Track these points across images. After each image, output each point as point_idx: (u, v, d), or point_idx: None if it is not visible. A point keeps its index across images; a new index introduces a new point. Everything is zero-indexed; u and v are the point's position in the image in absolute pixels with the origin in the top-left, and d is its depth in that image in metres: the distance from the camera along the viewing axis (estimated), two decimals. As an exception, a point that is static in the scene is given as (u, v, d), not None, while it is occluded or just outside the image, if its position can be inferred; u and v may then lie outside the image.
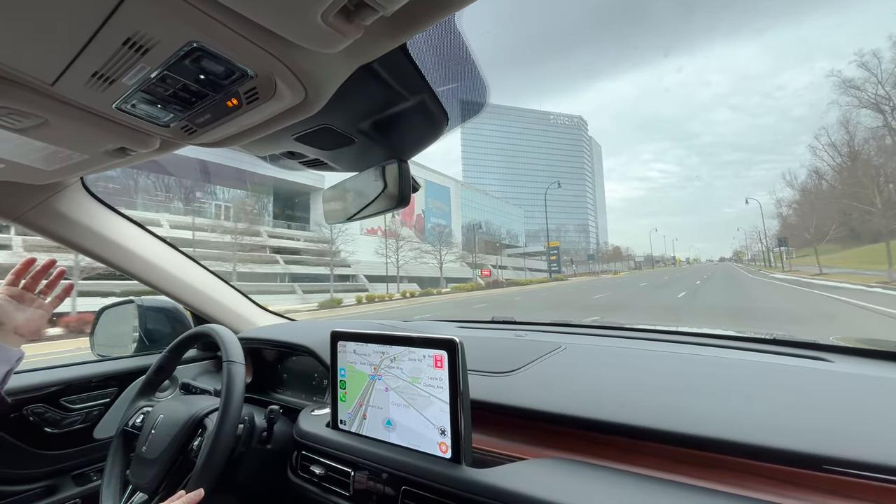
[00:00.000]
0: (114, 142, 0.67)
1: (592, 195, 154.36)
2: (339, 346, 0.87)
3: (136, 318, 1.51)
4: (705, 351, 0.96)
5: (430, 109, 0.64)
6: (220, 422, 0.83)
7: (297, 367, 1.30)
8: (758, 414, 0.64)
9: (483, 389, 0.84)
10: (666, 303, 12.15)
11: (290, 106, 0.55)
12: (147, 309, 1.50)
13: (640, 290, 17.84)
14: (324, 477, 0.83)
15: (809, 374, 0.80)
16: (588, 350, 1.02)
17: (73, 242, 1.06)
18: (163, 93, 0.53)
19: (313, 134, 0.69)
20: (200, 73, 0.48)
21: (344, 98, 0.61)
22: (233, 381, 0.88)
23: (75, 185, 1.04)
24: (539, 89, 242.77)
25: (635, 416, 0.67)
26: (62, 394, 1.17)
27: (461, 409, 0.69)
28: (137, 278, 1.19)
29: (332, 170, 0.86)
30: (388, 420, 0.78)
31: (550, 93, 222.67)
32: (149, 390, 1.08)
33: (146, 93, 0.53)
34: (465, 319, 1.54)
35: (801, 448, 0.55)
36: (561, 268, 53.01)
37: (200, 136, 0.63)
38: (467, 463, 0.69)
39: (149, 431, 0.94)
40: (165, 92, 0.52)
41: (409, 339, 0.76)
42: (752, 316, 8.32)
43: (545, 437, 0.75)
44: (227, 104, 0.54)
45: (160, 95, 0.53)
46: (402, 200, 0.70)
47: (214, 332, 0.98)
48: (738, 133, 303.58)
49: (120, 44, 0.44)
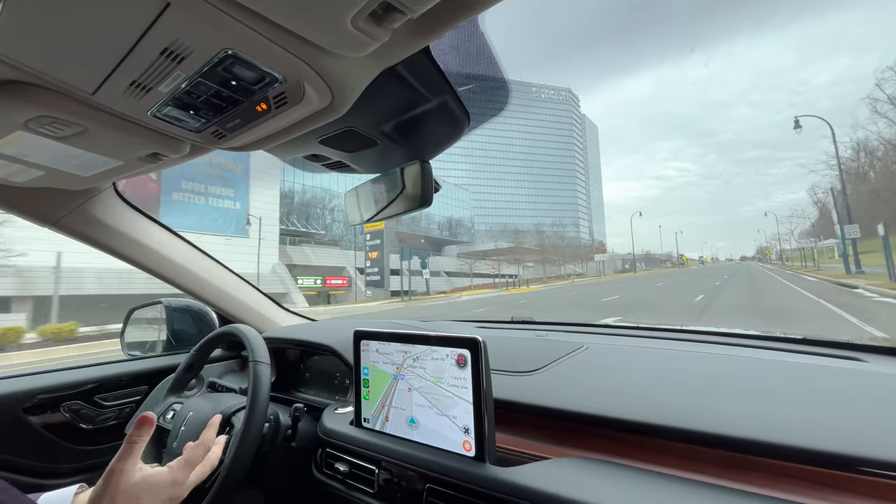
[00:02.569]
0: (148, 148, 0.69)
1: (585, 185, 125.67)
2: (361, 345, 0.88)
3: (164, 318, 1.56)
4: (734, 351, 0.95)
5: (451, 110, 0.65)
6: (246, 420, 0.85)
7: (319, 366, 1.32)
8: (789, 414, 0.63)
9: (506, 389, 0.84)
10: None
11: (317, 109, 0.57)
12: (174, 310, 1.55)
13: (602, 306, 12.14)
14: (348, 474, 0.84)
15: (843, 374, 0.78)
16: (612, 350, 1.01)
17: (106, 246, 1.11)
18: (195, 99, 0.54)
19: (337, 136, 0.70)
20: (232, 79, 0.50)
21: (368, 100, 0.63)
22: (259, 381, 0.90)
23: (108, 190, 1.08)
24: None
25: (662, 416, 0.67)
26: (96, 391, 1.22)
27: (485, 407, 0.69)
28: (166, 280, 1.23)
29: (354, 171, 0.87)
30: (412, 418, 0.79)
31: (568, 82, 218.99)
32: (178, 387, 1.12)
33: (180, 99, 0.55)
34: (484, 320, 1.54)
35: (834, 449, 0.54)
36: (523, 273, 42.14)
37: (230, 140, 0.65)
38: (492, 461, 0.69)
39: (179, 428, 0.96)
40: (198, 98, 0.54)
41: (431, 338, 0.77)
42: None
43: (569, 436, 0.75)
44: (256, 109, 0.56)
45: (193, 102, 0.55)
46: (425, 201, 0.71)
47: (241, 332, 1.00)
48: (758, 130, 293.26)
49: (158, 53, 0.45)
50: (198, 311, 1.56)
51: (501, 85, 0.64)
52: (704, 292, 15.09)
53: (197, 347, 1.11)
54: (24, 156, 0.72)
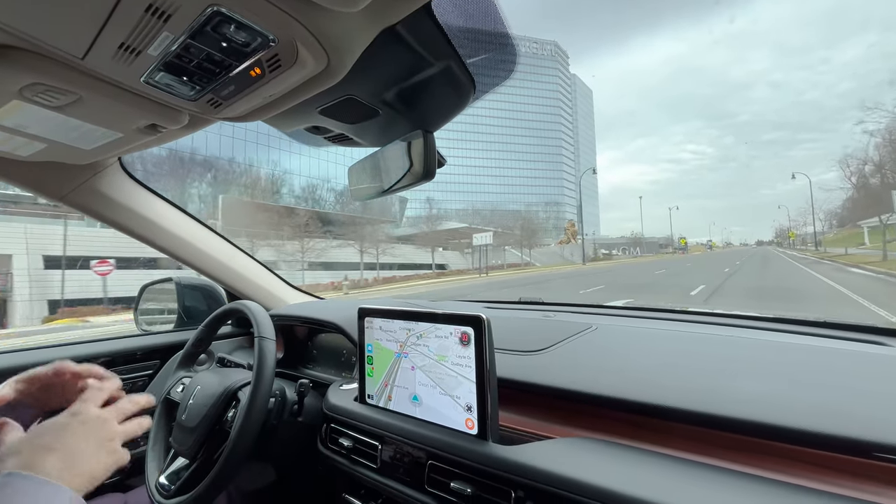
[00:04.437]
0: (145, 118, 0.68)
1: (573, 159, 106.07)
2: (365, 322, 0.88)
3: (175, 295, 1.58)
4: (748, 333, 0.91)
5: (456, 77, 0.62)
6: (252, 395, 0.86)
7: (326, 343, 1.32)
8: (804, 397, 0.60)
9: (511, 368, 0.83)
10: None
11: (313, 74, 0.54)
12: (185, 287, 1.57)
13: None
14: (352, 449, 0.85)
15: (863, 357, 0.75)
16: (621, 331, 0.99)
17: (114, 221, 1.11)
18: (187, 64, 0.52)
19: (337, 106, 0.68)
20: (222, 40, 0.48)
21: (368, 66, 0.60)
22: (264, 356, 0.90)
23: (114, 165, 1.08)
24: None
25: (670, 398, 0.65)
26: (110, 365, 1.24)
27: (488, 386, 0.68)
28: (174, 256, 1.23)
29: (357, 145, 0.85)
30: (415, 395, 0.78)
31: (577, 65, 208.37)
32: (189, 361, 1.13)
33: (171, 64, 0.53)
34: (491, 300, 1.52)
35: (849, 433, 0.51)
36: (484, 259, 32.01)
37: (226, 109, 0.63)
38: (494, 440, 0.68)
39: (187, 401, 0.98)
40: (190, 63, 0.52)
41: (435, 315, 0.76)
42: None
43: (574, 416, 0.73)
44: (250, 74, 0.53)
45: (185, 67, 0.53)
46: (428, 174, 0.68)
47: (247, 308, 1.00)
48: (778, 111, 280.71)
49: (143, 11, 0.43)
50: (208, 288, 1.57)
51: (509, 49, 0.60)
52: (700, 289, 10.75)
53: (206, 323, 1.12)
54: (23, 127, 0.71)
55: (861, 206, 35.54)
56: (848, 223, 48.51)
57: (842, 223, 43.70)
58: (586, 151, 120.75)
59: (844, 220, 45.81)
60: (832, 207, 42.57)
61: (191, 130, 0.79)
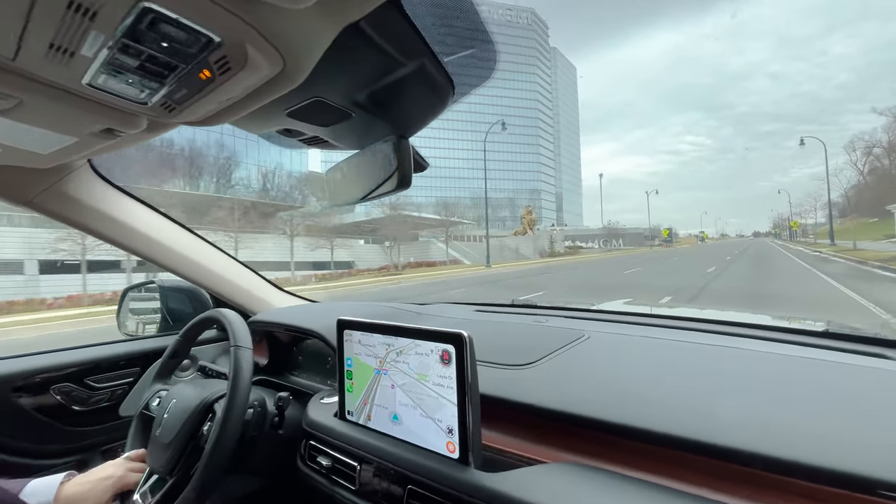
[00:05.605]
0: (98, 122, 0.63)
1: (553, 143, 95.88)
2: (344, 335, 0.83)
3: (159, 298, 1.53)
4: (748, 344, 0.87)
5: (432, 76, 0.56)
6: (227, 408, 0.82)
7: (312, 350, 1.28)
8: (805, 424, 0.56)
9: (497, 383, 0.79)
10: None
11: (270, 77, 0.49)
12: (168, 289, 1.52)
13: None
14: (331, 469, 0.81)
15: (868, 374, 0.70)
16: (614, 340, 0.94)
17: (84, 225, 1.06)
18: (130, 65, 0.47)
19: (305, 109, 0.63)
20: (162, 40, 0.42)
21: (334, 67, 0.54)
22: (239, 367, 0.86)
23: (84, 167, 1.03)
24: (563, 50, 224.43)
25: (665, 423, 0.60)
26: (87, 373, 1.20)
27: (469, 408, 0.64)
28: (150, 260, 1.19)
29: (334, 147, 0.80)
30: (395, 415, 0.74)
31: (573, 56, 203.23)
32: (165, 374, 1.09)
33: (113, 66, 0.48)
34: (483, 303, 1.48)
35: (851, 469, 0.47)
36: (396, 256, 26.65)
37: (183, 113, 0.58)
38: (476, 465, 0.64)
39: (163, 416, 0.94)
40: (133, 65, 0.47)
41: (415, 331, 0.71)
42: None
43: (563, 438, 0.69)
44: (199, 77, 0.48)
45: (128, 69, 0.48)
46: (403, 182, 0.63)
47: (222, 316, 0.96)
48: (776, 102, 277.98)
49: (64, 7, 0.38)
50: (192, 291, 1.52)
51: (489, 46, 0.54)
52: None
53: (182, 333, 1.08)
54: None
55: (871, 193, 30.71)
56: (850, 213, 45.47)
57: (842, 213, 40.31)
58: (568, 134, 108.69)
59: (846, 211, 42.51)
60: (832, 197, 35.77)
61: (154, 133, 0.74)
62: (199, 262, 1.29)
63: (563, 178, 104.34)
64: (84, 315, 10.27)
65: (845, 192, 34.70)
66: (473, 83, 0.59)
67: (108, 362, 1.26)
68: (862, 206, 33.75)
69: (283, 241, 23.15)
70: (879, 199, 29.92)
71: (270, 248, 22.45)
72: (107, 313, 9.56)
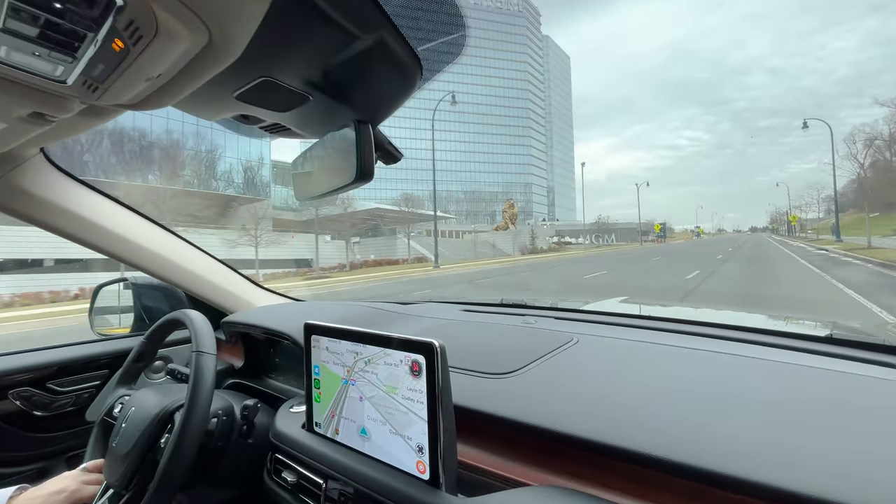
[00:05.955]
0: (20, 105, 0.55)
1: (545, 135, 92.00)
2: (312, 341, 0.77)
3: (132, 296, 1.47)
4: (749, 350, 0.80)
5: (395, 53, 0.49)
6: (183, 420, 0.76)
7: (289, 352, 1.22)
8: (812, 447, 0.50)
9: (476, 394, 0.72)
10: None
11: (197, 49, 0.42)
12: (141, 287, 1.46)
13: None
14: (296, 485, 0.75)
15: (878, 387, 0.64)
16: (606, 346, 0.88)
17: (39, 220, 0.99)
18: (30, 34, 0.40)
19: (255, 91, 0.55)
20: (55, 0, 0.35)
21: (278, 40, 0.47)
22: (201, 375, 0.80)
23: (36, 157, 0.95)
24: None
25: (656, 444, 0.54)
26: (49, 377, 1.14)
27: (441, 425, 0.58)
28: (115, 257, 1.11)
29: (299, 136, 0.72)
30: (363, 429, 0.68)
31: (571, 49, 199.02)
32: (130, 378, 1.03)
33: (11, 34, 0.40)
34: (471, 302, 1.41)
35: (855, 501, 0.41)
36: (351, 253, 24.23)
37: (109, 93, 0.50)
38: (448, 488, 0.58)
39: (121, 425, 0.88)
40: (33, 33, 0.40)
41: (383, 338, 0.65)
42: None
43: (547, 457, 0.63)
44: (113, 48, 0.41)
45: (29, 38, 0.41)
46: (364, 174, 0.56)
47: (186, 319, 0.90)
48: (775, 97, 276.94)
49: None
50: (168, 289, 1.45)
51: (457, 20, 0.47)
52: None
53: (146, 335, 1.01)
54: None
55: (872, 187, 28.20)
56: (849, 208, 43.61)
57: (842, 208, 39.17)
58: (562, 127, 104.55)
59: (845, 206, 41.64)
60: (832, 192, 33.52)
61: (98, 119, 0.67)
62: (171, 258, 1.22)
63: (555, 171, 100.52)
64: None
65: (855, 180, 31.32)
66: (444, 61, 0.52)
67: (76, 364, 1.20)
68: (861, 201, 32.12)
69: (227, 236, 20.47)
70: (880, 194, 28.83)
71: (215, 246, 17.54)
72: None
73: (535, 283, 13.09)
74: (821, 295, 7.39)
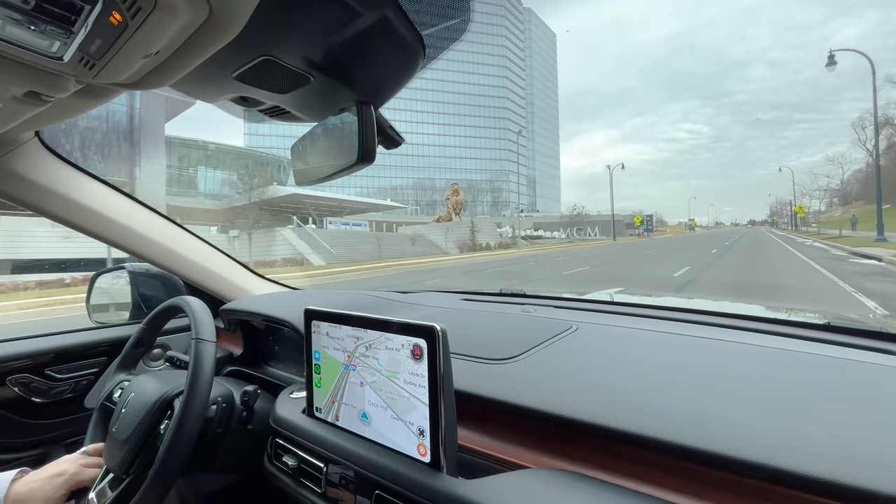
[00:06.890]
0: (16, 83, 0.54)
1: (526, 123, 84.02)
2: (312, 326, 0.77)
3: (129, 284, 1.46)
4: (746, 337, 0.81)
5: (398, 32, 0.49)
6: (183, 407, 0.76)
7: (288, 339, 1.22)
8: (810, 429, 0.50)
9: (476, 379, 0.73)
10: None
11: (197, 26, 0.41)
12: (139, 275, 1.45)
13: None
14: (296, 469, 0.75)
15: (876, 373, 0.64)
16: (605, 333, 0.88)
17: (34, 205, 0.98)
18: (25, 7, 0.39)
19: (255, 71, 0.54)
20: None
21: (280, 17, 0.46)
22: (200, 362, 0.80)
23: (32, 142, 0.94)
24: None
25: (655, 426, 0.54)
26: (48, 364, 1.13)
27: (442, 409, 0.58)
28: (112, 243, 1.11)
29: (298, 120, 0.72)
30: (364, 413, 0.68)
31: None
32: (129, 364, 1.03)
33: (4, 6, 0.39)
34: (470, 291, 1.41)
35: (865, 484, 0.42)
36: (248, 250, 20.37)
37: (106, 70, 0.49)
38: (449, 471, 0.58)
39: (120, 410, 0.88)
40: (28, 6, 0.39)
41: (384, 322, 0.65)
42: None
43: (546, 440, 0.63)
44: (111, 22, 0.40)
45: (24, 11, 0.40)
46: (365, 156, 0.55)
47: (186, 305, 0.90)
48: (775, 90, 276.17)
49: None
50: (166, 277, 1.45)
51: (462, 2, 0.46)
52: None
53: (145, 321, 1.01)
54: None
55: (886, 176, 22.73)
56: (856, 200, 38.49)
57: (845, 200, 36.26)
58: (545, 110, 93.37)
59: (849, 198, 37.50)
60: (838, 184, 30.49)
61: (96, 100, 0.66)
62: (169, 246, 1.21)
63: (536, 159, 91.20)
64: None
65: (848, 178, 28.23)
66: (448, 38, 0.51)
67: (74, 351, 1.20)
68: (870, 193, 28.32)
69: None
70: (891, 186, 24.54)
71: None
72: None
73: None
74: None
